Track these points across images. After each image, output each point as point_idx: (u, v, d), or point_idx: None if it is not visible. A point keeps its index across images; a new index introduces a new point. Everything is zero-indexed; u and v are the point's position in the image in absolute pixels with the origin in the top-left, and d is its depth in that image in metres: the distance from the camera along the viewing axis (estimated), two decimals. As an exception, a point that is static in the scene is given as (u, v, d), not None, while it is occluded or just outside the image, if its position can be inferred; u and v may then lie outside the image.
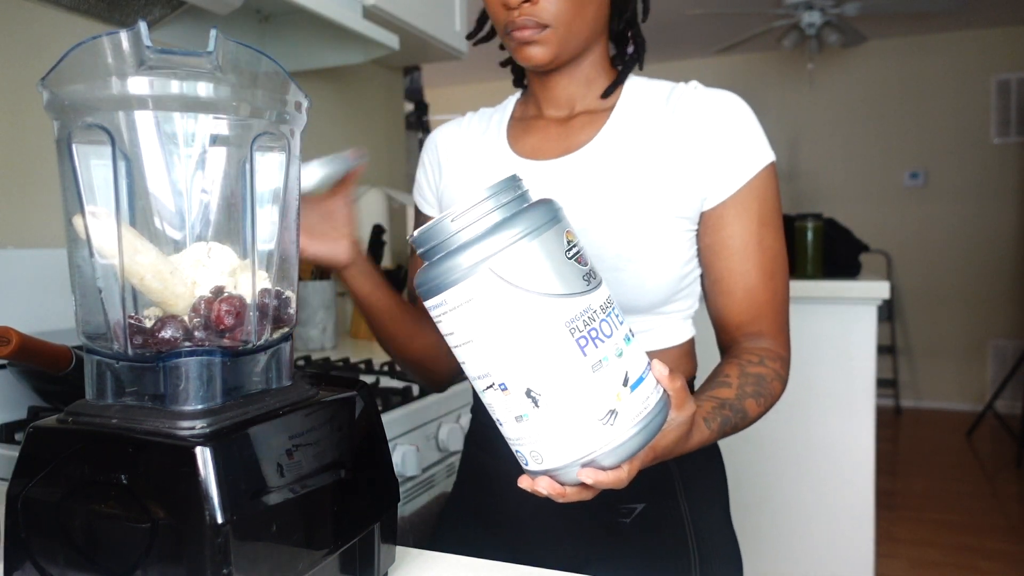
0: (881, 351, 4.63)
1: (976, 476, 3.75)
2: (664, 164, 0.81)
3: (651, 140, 0.82)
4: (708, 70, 5.54)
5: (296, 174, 0.56)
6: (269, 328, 0.53)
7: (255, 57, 0.50)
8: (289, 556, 0.50)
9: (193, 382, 0.49)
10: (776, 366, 0.80)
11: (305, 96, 0.56)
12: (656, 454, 0.62)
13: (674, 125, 0.82)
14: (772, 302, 0.83)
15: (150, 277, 0.48)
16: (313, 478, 0.53)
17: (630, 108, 0.86)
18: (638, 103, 0.86)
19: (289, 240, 0.56)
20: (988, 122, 5.00)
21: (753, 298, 0.82)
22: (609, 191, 0.81)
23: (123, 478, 0.46)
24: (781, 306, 0.84)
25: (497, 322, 0.50)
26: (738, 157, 0.81)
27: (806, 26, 4.01)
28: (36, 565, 0.49)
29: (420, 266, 0.93)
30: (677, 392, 0.58)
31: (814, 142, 5.39)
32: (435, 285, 0.51)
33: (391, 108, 2.50)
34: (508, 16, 0.79)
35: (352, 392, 0.61)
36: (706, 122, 0.81)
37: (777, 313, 0.84)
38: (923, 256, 5.16)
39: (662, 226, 0.80)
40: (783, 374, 0.81)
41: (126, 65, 0.46)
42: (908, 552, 2.89)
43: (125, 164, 0.47)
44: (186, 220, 0.50)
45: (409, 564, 0.68)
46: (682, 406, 0.60)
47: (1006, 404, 4.78)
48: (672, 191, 0.80)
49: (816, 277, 2.19)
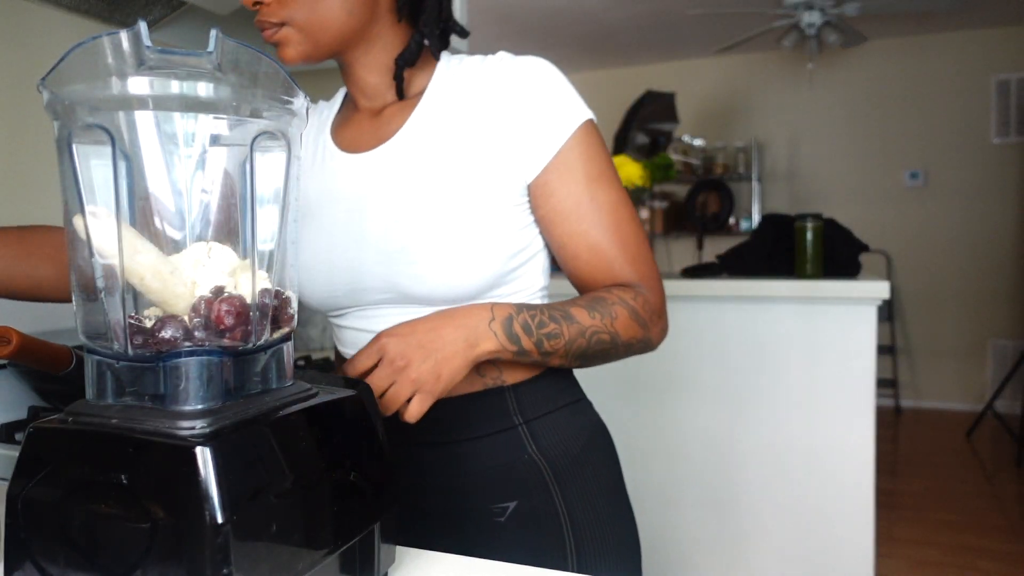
0: (881, 351, 4.64)
1: (976, 476, 3.75)
2: (478, 141, 0.80)
3: (462, 120, 0.81)
4: (708, 70, 5.54)
5: (296, 174, 0.56)
6: (269, 328, 0.53)
7: (255, 57, 0.51)
8: (289, 556, 0.50)
9: (193, 382, 0.49)
10: (622, 294, 0.80)
11: (305, 96, 0.56)
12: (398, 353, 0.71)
13: (483, 100, 0.81)
14: (623, 253, 0.82)
15: (150, 277, 0.48)
16: (313, 478, 0.53)
17: (440, 91, 0.84)
18: (447, 85, 0.84)
19: (289, 240, 0.56)
20: (988, 122, 5.00)
21: (600, 255, 0.81)
22: (423, 178, 0.79)
23: (123, 478, 0.46)
24: (635, 253, 0.83)
25: None
26: (551, 121, 0.79)
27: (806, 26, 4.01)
28: (36, 565, 0.49)
29: None
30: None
31: (814, 142, 5.39)
32: None
33: (391, 108, 2.49)
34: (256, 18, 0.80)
35: (352, 392, 0.61)
36: (514, 91, 0.80)
37: (632, 260, 0.83)
38: (923, 256, 5.16)
39: (482, 207, 0.79)
40: (632, 304, 0.80)
41: (126, 65, 0.46)
42: (908, 552, 2.89)
43: (125, 164, 0.48)
44: (186, 220, 0.50)
45: (409, 564, 0.68)
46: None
47: (1006, 404, 4.78)
48: (489, 168, 0.79)
49: (816, 277, 2.19)
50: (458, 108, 0.82)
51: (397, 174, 0.81)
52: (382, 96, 0.87)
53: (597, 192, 0.81)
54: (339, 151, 0.87)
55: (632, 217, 0.84)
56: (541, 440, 0.85)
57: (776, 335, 2.17)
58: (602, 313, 0.78)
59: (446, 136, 0.81)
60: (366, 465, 0.60)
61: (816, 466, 2.12)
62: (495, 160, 0.79)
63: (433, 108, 0.83)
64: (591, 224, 0.81)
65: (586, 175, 0.81)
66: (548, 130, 0.79)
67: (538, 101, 0.79)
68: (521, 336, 0.74)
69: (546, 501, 0.84)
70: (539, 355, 0.77)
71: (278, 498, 0.49)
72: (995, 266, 5.01)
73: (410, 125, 0.83)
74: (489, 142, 0.79)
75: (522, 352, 0.75)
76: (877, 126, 5.24)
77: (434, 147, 0.80)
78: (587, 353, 0.79)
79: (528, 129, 0.79)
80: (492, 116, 0.80)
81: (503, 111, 0.79)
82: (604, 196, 0.82)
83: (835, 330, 2.10)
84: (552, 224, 0.82)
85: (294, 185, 0.56)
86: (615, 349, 0.81)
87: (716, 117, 5.57)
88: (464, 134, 0.80)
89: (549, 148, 0.79)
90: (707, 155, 5.45)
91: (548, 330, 0.75)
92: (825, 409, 2.11)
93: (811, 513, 2.13)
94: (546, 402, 0.86)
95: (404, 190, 0.80)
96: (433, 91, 0.84)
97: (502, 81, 0.80)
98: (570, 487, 0.85)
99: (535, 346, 0.76)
